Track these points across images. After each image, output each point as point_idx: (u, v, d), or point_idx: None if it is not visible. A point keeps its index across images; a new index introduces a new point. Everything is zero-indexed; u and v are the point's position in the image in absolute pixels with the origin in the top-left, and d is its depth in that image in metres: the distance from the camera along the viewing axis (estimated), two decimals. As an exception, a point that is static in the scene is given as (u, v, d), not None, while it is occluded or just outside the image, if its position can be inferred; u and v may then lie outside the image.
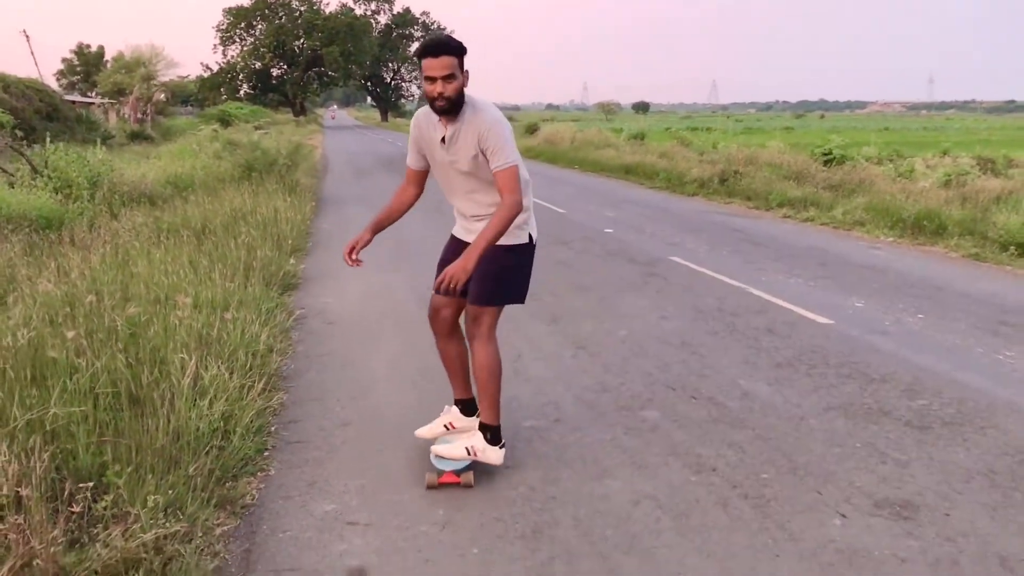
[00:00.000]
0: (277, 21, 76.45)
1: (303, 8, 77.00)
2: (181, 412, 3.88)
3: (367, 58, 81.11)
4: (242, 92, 76.47)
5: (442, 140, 3.52)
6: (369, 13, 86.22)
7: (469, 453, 3.74)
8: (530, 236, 3.69)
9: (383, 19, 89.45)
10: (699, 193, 16.58)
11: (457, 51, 3.35)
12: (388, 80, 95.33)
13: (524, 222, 3.64)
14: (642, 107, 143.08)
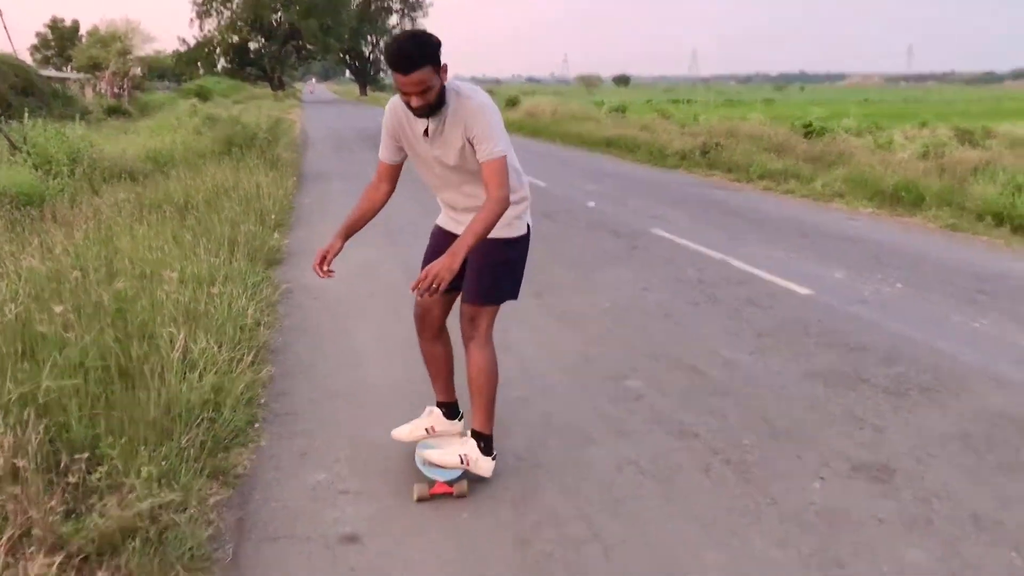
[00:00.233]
0: (254, -7, 75.53)
1: (280, -20, 76.11)
2: (171, 385, 3.91)
3: (345, 31, 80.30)
4: (219, 67, 75.64)
5: (425, 133, 3.23)
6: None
7: (463, 462, 3.45)
8: (528, 226, 3.46)
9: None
10: (680, 166, 16.65)
11: (431, 59, 2.98)
12: (367, 54, 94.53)
13: (524, 211, 3.42)
14: (623, 80, 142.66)
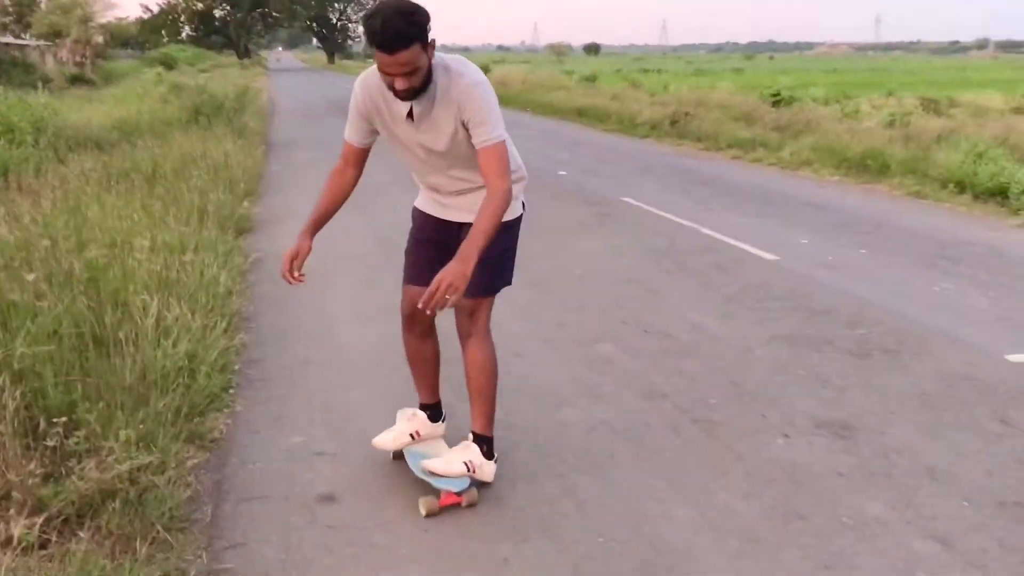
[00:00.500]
0: (219, -41, 74.33)
1: (246, -55, 74.90)
2: (146, 352, 3.94)
3: (312, -2, 79.39)
4: (184, 34, 74.59)
5: (409, 116, 2.85)
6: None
7: (469, 469, 3.11)
8: (523, 204, 3.17)
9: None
10: (651, 135, 16.72)
11: (419, 36, 2.62)
12: (334, 21, 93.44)
13: (520, 191, 3.10)
14: (593, 48, 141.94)
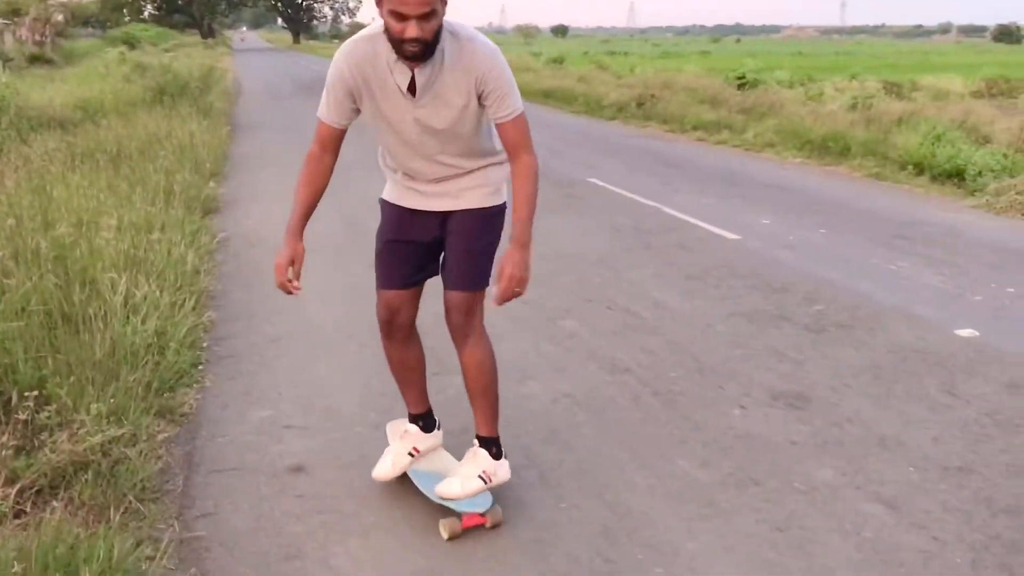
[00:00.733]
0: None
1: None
2: (115, 328, 3.98)
3: (278, -23, 78.42)
4: (146, 13, 73.40)
5: (410, 88, 2.54)
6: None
7: (486, 481, 2.87)
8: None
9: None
10: (617, 117, 16.81)
11: None
12: (299, 1, 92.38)
13: (508, 174, 2.83)
14: (561, 30, 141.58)
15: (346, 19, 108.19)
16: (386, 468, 3.08)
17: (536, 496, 3.08)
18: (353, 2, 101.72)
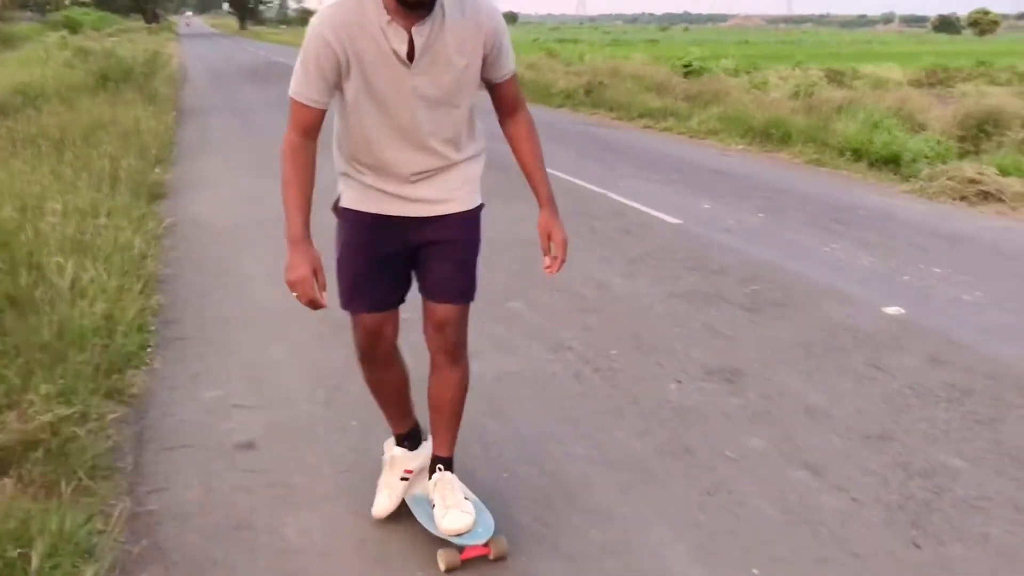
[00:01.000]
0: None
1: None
2: (63, 311, 4.00)
3: (223, -38, 77.13)
4: (87, -4, 71.59)
5: (408, 53, 2.23)
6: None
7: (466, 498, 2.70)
8: None
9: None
10: (565, 104, 16.96)
11: None
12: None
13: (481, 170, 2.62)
14: (511, 17, 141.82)
15: (293, 4, 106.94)
16: (384, 504, 2.81)
17: (480, 466, 3.19)
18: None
